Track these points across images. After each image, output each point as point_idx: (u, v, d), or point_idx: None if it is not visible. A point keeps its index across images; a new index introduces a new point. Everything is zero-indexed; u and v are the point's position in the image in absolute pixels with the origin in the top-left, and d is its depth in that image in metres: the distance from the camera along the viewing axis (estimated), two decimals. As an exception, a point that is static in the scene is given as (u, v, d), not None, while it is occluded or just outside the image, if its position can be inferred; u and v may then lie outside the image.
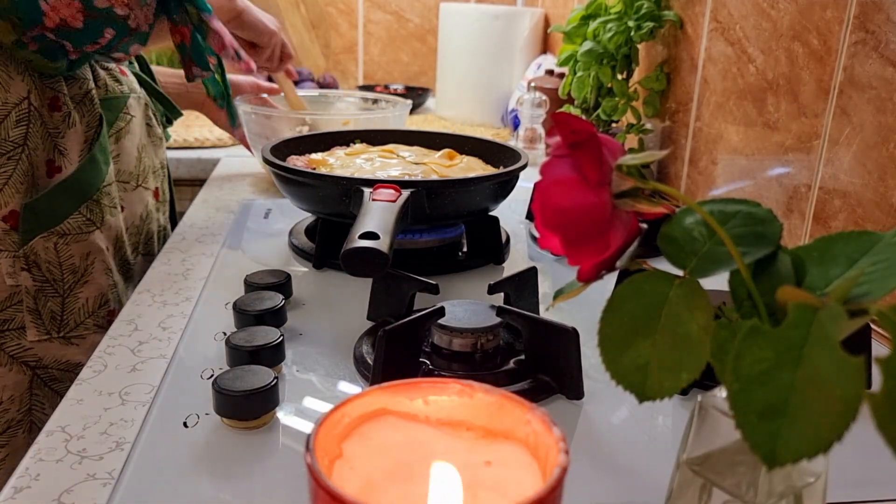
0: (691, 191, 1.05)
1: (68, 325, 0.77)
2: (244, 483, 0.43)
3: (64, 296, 0.76)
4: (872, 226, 0.68)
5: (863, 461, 0.46)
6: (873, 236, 0.31)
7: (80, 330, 0.78)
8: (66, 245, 0.76)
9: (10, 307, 0.73)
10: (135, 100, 0.89)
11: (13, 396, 0.74)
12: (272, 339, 0.53)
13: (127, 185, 0.87)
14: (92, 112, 0.79)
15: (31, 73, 0.73)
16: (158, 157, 0.97)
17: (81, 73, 0.79)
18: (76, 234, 0.76)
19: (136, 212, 0.89)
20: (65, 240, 0.76)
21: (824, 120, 0.74)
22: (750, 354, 0.26)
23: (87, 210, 0.78)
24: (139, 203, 0.90)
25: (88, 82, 0.79)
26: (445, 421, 0.31)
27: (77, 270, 0.77)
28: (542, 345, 0.53)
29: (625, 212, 0.31)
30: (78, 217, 0.77)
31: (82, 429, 0.48)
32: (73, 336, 0.77)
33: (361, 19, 2.00)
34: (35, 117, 0.73)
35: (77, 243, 0.77)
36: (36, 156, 0.74)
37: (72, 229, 0.76)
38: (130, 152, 0.87)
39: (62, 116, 0.76)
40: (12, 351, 0.74)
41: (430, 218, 0.72)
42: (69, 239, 0.76)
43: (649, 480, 0.44)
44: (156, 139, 0.96)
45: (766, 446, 0.25)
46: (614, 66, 1.13)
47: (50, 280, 0.75)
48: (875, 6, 0.67)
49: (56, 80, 0.76)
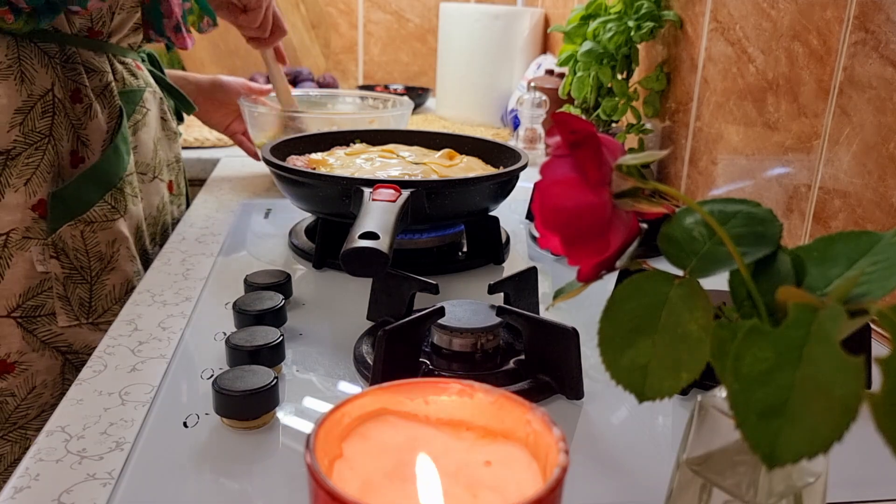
0: (691, 191, 1.05)
1: (97, 311, 0.80)
2: (244, 483, 0.43)
3: (91, 282, 0.79)
4: (872, 226, 0.68)
5: (863, 461, 0.46)
6: (873, 236, 0.31)
7: (107, 316, 0.80)
8: (93, 233, 0.78)
9: (41, 294, 0.76)
10: (150, 94, 0.91)
11: (46, 381, 0.77)
12: (272, 339, 0.53)
13: (144, 176, 0.89)
14: (112, 104, 0.81)
15: (53, 66, 0.76)
16: (173, 151, 0.99)
17: (100, 66, 0.81)
18: (102, 221, 0.79)
19: (152, 203, 0.91)
20: (91, 227, 0.78)
21: (824, 120, 0.74)
22: (750, 354, 0.26)
23: (112, 198, 0.80)
24: (155, 194, 0.92)
25: (108, 75, 0.82)
26: (445, 421, 0.31)
27: (104, 258, 0.79)
28: (542, 345, 0.53)
29: (625, 212, 0.31)
30: (103, 205, 0.79)
31: (82, 429, 0.48)
32: (101, 322, 0.80)
33: (361, 19, 2.00)
34: (59, 109, 0.76)
35: (103, 231, 0.79)
36: (61, 146, 0.76)
37: (97, 217, 0.79)
38: (147, 144, 0.90)
39: (84, 108, 0.78)
40: (44, 337, 0.77)
41: (430, 218, 0.72)
42: (95, 227, 0.78)
43: (649, 480, 0.44)
44: (170, 133, 0.97)
45: (766, 446, 0.25)
46: (614, 66, 1.13)
47: (77, 267, 0.77)
48: (875, 6, 0.67)
49: (77, 73, 0.78)
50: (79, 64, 0.78)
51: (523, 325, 0.55)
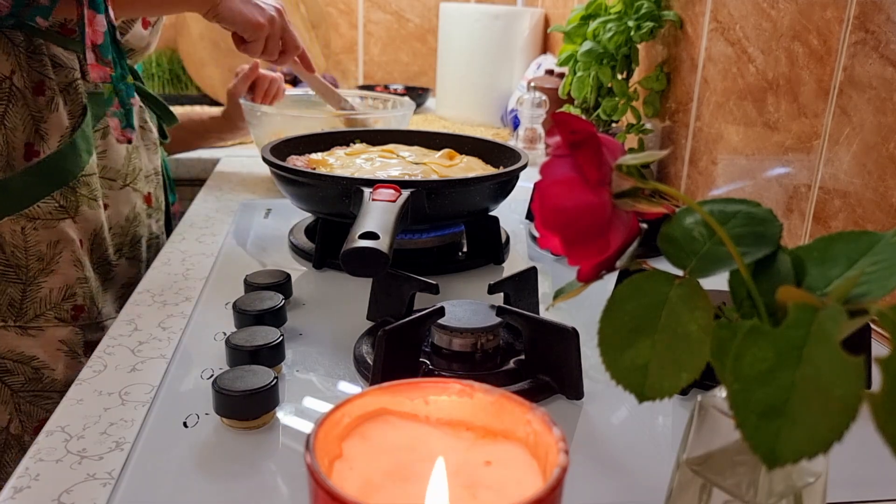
0: (691, 191, 1.05)
1: (27, 315, 0.75)
2: (244, 483, 0.43)
3: (26, 283, 0.75)
4: (872, 226, 0.68)
5: (863, 461, 0.46)
6: (873, 236, 0.31)
7: (39, 321, 0.76)
8: (35, 230, 0.74)
9: None
10: None
11: None
12: (272, 339, 0.53)
13: (113, 182, 0.85)
14: (76, 101, 0.78)
15: (17, 54, 0.73)
16: (153, 163, 0.94)
17: (68, 62, 0.78)
18: (46, 219, 0.75)
19: (121, 211, 0.87)
20: (33, 224, 0.74)
21: (824, 120, 0.74)
22: (750, 354, 0.26)
23: (62, 197, 0.76)
24: (125, 204, 0.87)
25: (74, 72, 0.79)
26: (445, 421, 0.31)
27: (43, 258, 0.75)
28: (542, 345, 0.53)
29: (625, 212, 0.31)
30: (50, 202, 0.75)
31: (82, 429, 0.48)
32: (30, 326, 0.75)
33: (361, 19, 2.00)
34: (17, 97, 0.73)
35: (46, 230, 0.75)
36: (14, 136, 0.73)
37: (42, 214, 0.74)
38: (118, 150, 0.86)
39: (46, 101, 0.75)
40: None
41: (430, 218, 0.72)
42: (38, 224, 0.74)
43: (649, 480, 0.44)
44: (150, 143, 0.94)
45: (766, 446, 0.25)
46: (614, 66, 1.13)
47: (13, 265, 0.74)
48: (875, 6, 0.67)
49: (43, 65, 0.75)
50: (45, 56, 0.76)
51: (523, 325, 0.55)
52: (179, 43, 1.86)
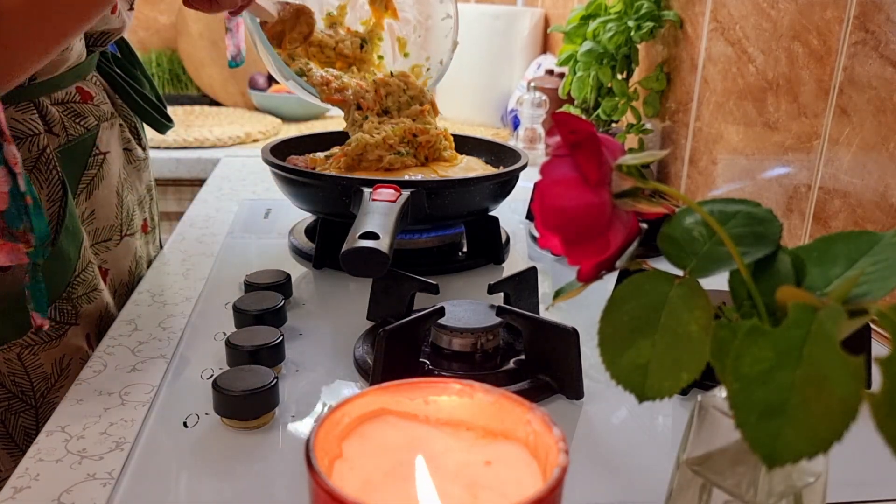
0: (691, 191, 1.05)
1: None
2: (244, 483, 0.43)
3: (38, 406, 0.62)
4: (872, 226, 0.68)
5: (863, 461, 0.46)
6: (873, 236, 0.31)
7: None
8: (34, 355, 0.61)
9: None
10: (105, 128, 0.70)
11: None
12: (272, 339, 0.53)
13: (108, 242, 0.70)
14: (50, 180, 0.60)
15: None
16: (143, 183, 0.80)
17: (28, 126, 0.59)
18: (44, 343, 0.61)
19: (122, 268, 0.73)
20: (31, 350, 0.61)
21: (824, 120, 0.74)
22: (750, 354, 0.26)
23: (56, 312, 0.62)
24: (125, 257, 0.73)
25: (41, 137, 0.60)
26: (445, 421, 0.31)
27: (49, 378, 0.62)
28: (542, 345, 0.53)
29: (625, 212, 0.31)
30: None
31: (82, 429, 0.48)
32: None
33: (361, 19, 1.99)
34: None
35: (46, 352, 0.62)
36: None
37: (37, 340, 0.61)
38: (108, 202, 0.70)
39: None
40: None
41: (430, 218, 0.72)
42: (37, 349, 0.61)
43: (649, 480, 0.44)
44: (137, 163, 0.78)
45: (766, 446, 0.25)
46: (614, 66, 1.13)
47: (17, 393, 0.61)
48: (875, 6, 0.67)
49: None
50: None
51: (523, 325, 0.55)
52: (179, 43, 1.86)
